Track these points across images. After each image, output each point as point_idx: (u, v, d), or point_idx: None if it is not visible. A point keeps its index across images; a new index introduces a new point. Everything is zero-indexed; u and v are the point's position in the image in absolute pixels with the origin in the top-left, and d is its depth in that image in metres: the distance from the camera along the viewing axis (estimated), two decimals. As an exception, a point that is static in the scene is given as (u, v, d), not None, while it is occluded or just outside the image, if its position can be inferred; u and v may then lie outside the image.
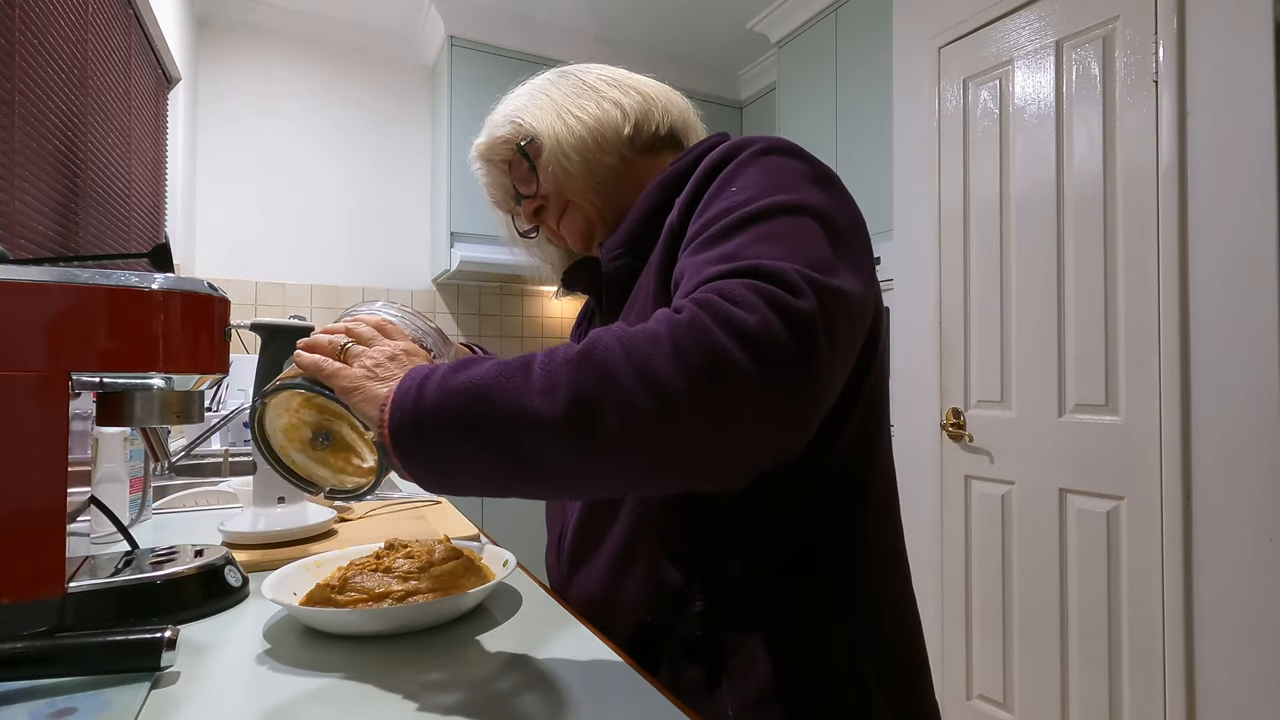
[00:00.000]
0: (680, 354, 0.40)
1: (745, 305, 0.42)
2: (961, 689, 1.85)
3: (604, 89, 0.70)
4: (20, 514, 0.50)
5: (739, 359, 0.40)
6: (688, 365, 0.40)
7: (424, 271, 3.06)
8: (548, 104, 0.69)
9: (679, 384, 0.40)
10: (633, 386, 0.40)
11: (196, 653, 0.52)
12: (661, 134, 0.70)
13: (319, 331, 0.56)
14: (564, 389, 0.41)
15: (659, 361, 0.40)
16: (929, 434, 1.96)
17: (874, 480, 0.60)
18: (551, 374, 0.42)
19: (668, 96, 0.73)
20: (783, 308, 0.42)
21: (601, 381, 0.41)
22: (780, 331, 0.41)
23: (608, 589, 0.61)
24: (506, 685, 0.47)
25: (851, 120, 2.42)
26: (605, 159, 0.68)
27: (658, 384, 0.40)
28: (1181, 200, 1.42)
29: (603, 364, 0.42)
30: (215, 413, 2.14)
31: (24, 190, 1.18)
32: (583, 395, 0.41)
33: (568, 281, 0.76)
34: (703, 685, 0.55)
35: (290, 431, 0.56)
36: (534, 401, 0.41)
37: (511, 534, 2.46)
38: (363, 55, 2.97)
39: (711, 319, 0.41)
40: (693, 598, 0.56)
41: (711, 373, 0.40)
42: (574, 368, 0.42)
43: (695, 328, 0.41)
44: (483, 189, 0.77)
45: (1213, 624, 1.36)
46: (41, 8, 1.26)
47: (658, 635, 0.57)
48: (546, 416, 0.41)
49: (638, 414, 0.40)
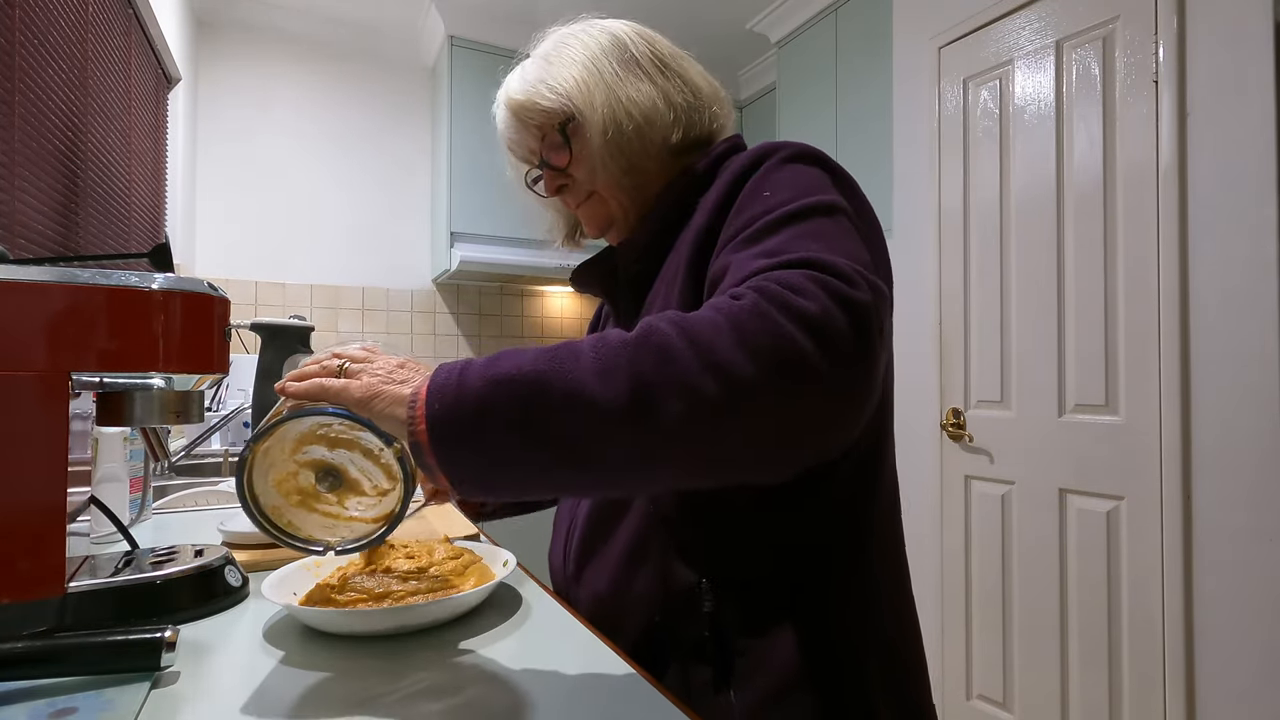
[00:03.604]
0: (745, 339, 0.39)
1: (806, 294, 0.41)
2: (961, 689, 1.85)
3: (658, 78, 0.66)
4: (20, 514, 0.50)
5: (805, 346, 0.39)
6: (754, 350, 0.39)
7: (424, 271, 3.06)
8: (600, 86, 0.64)
9: (745, 369, 0.38)
10: (696, 370, 0.38)
11: (196, 653, 0.52)
12: (701, 138, 0.68)
13: (305, 363, 0.49)
14: (624, 371, 0.39)
15: (722, 346, 0.39)
16: (929, 434, 1.96)
17: (884, 480, 0.61)
18: (607, 357, 0.40)
19: (717, 99, 0.69)
20: (843, 298, 0.41)
21: (664, 365, 0.39)
22: (842, 321, 0.40)
23: (617, 587, 0.60)
24: (507, 686, 0.47)
25: (851, 120, 2.42)
26: (646, 164, 0.66)
27: (722, 367, 0.38)
28: (1181, 200, 1.42)
29: (662, 347, 0.39)
30: (215, 413, 2.14)
31: (24, 190, 1.18)
32: (644, 377, 0.39)
33: (578, 282, 0.74)
34: (711, 685, 0.55)
35: (284, 485, 0.49)
36: (591, 385, 0.39)
37: (512, 534, 2.46)
38: (363, 55, 2.97)
39: (774, 305, 0.40)
40: (702, 598, 0.56)
41: (778, 358, 0.39)
42: (633, 350, 0.40)
43: (758, 313, 0.40)
44: (499, 135, 0.72)
45: (1213, 624, 1.36)
46: (41, 8, 1.26)
47: (666, 635, 0.57)
48: (605, 400, 0.38)
49: (703, 398, 0.38)
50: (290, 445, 0.48)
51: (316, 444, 0.49)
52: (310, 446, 0.49)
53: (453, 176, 2.75)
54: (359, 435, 0.48)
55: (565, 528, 0.70)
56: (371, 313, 2.94)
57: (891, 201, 2.13)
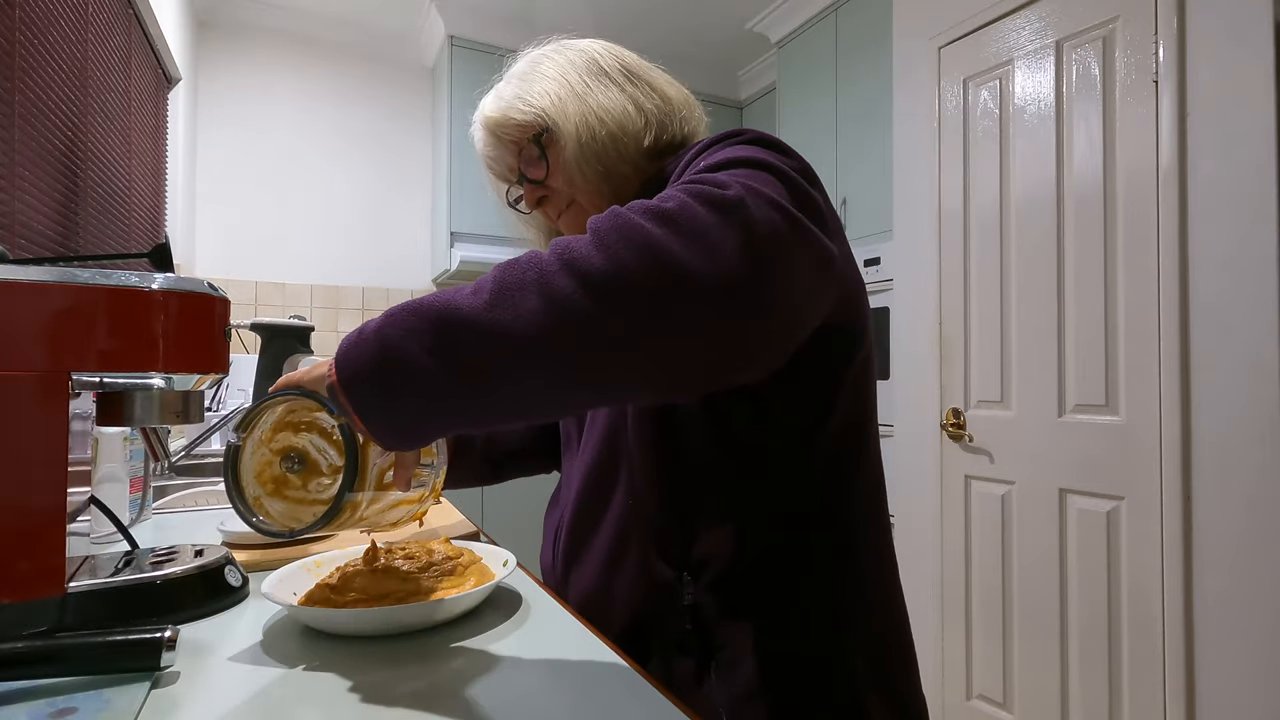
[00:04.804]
0: (598, 238, 0.40)
1: (668, 198, 0.41)
2: (961, 689, 1.85)
3: (627, 86, 0.68)
4: (20, 514, 0.50)
5: (658, 235, 0.39)
6: (604, 245, 0.40)
7: (424, 271, 3.06)
8: (572, 97, 0.66)
9: (595, 261, 0.39)
10: (554, 269, 0.40)
11: (196, 653, 0.52)
12: (675, 142, 0.69)
13: None
14: (489, 284, 0.41)
15: (577, 246, 0.40)
16: (929, 434, 1.96)
17: (864, 470, 0.61)
18: (481, 280, 0.42)
19: (687, 105, 0.71)
20: (709, 197, 0.41)
21: (525, 270, 0.41)
22: (707, 218, 0.39)
23: (601, 585, 0.61)
24: (506, 685, 0.47)
25: (851, 120, 2.42)
26: (621, 168, 0.67)
27: (576, 262, 0.39)
28: (1181, 200, 1.42)
29: (527, 257, 0.42)
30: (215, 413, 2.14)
31: (24, 190, 1.18)
32: (505, 282, 0.41)
33: None
34: (692, 678, 0.55)
35: (263, 474, 0.52)
36: (463, 299, 0.41)
37: (511, 534, 2.46)
38: (363, 55, 2.97)
39: (631, 210, 0.41)
40: (682, 591, 0.56)
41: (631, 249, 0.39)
42: (500, 268, 0.42)
43: (612, 214, 0.41)
44: (479, 155, 0.75)
45: (1213, 624, 1.36)
46: (41, 8, 1.26)
47: (650, 629, 0.58)
48: (471, 307, 0.40)
49: (559, 291, 0.39)
50: (266, 434, 0.52)
51: (284, 430, 0.52)
52: (280, 434, 0.52)
53: (453, 176, 2.75)
54: (317, 416, 0.51)
55: (553, 530, 0.71)
56: (371, 313, 2.94)
57: (892, 202, 2.13)
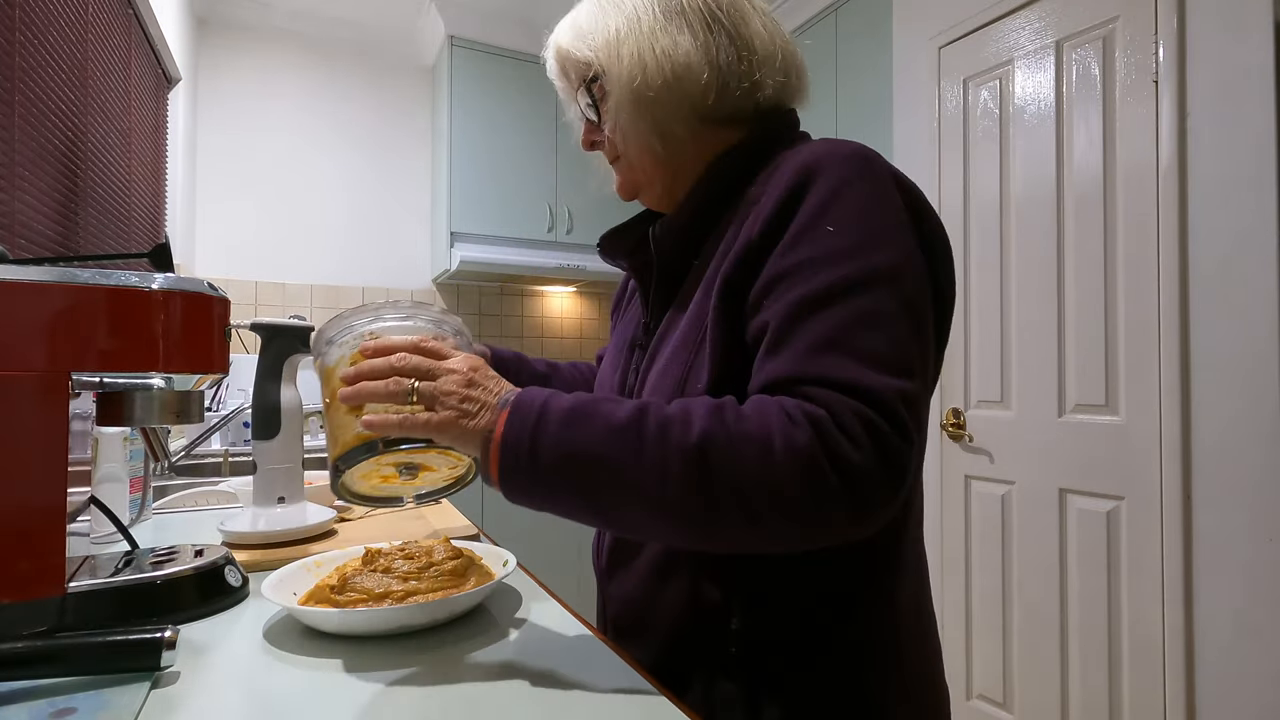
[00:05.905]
0: (788, 489, 0.45)
1: (856, 440, 0.45)
2: (961, 689, 1.85)
3: (703, 33, 0.59)
4: (20, 514, 0.50)
5: (842, 498, 0.45)
6: (792, 501, 0.45)
7: (424, 271, 3.06)
8: (634, 36, 0.59)
9: (777, 512, 0.45)
10: (731, 505, 0.45)
11: (196, 653, 0.52)
12: (744, 112, 0.61)
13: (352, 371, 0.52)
14: (674, 483, 0.46)
15: (766, 484, 0.45)
16: (929, 434, 1.96)
17: (914, 500, 0.59)
18: (664, 460, 0.46)
19: (774, 61, 0.61)
20: (886, 451, 0.45)
21: (707, 487, 0.45)
22: (880, 475, 0.45)
23: (645, 596, 0.59)
24: (506, 685, 0.47)
25: (851, 120, 2.42)
26: (675, 127, 0.60)
27: (761, 518, 0.45)
28: (1181, 200, 1.42)
29: (717, 470, 0.45)
30: (215, 413, 2.14)
31: (24, 190, 1.18)
32: (688, 488, 0.45)
33: (606, 250, 0.70)
34: (735, 703, 0.54)
35: (369, 479, 0.57)
36: (647, 484, 0.46)
37: (512, 534, 2.46)
38: (363, 55, 2.97)
39: (824, 451, 0.44)
40: (730, 615, 0.54)
41: (814, 509, 0.45)
42: (686, 465, 0.46)
43: (810, 462, 0.44)
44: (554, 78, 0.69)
45: (1213, 624, 1.36)
46: (41, 8, 1.26)
47: (692, 649, 0.56)
48: (653, 500, 0.46)
49: (734, 523, 0.46)
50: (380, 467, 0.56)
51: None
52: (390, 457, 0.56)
53: (453, 176, 2.75)
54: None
55: None
56: (371, 313, 2.94)
57: (891, 201, 2.13)
